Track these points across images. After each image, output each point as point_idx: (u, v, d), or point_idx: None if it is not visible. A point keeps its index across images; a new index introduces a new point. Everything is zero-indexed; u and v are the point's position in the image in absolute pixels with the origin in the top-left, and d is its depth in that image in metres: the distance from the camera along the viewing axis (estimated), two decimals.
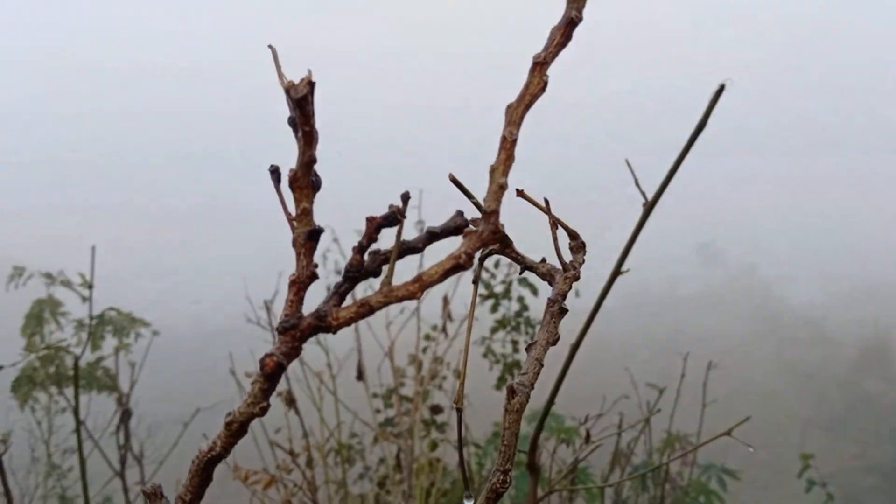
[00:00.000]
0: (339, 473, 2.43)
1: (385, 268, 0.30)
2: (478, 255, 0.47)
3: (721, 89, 1.05)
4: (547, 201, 0.44)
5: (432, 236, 0.31)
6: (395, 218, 0.30)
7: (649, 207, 1.07)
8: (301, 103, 0.27)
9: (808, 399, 11.04)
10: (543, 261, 0.45)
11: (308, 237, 0.29)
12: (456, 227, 0.31)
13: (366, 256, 0.30)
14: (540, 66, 0.30)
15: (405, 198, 0.30)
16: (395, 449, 2.69)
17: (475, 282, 0.46)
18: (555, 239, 0.44)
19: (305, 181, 0.28)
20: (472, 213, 0.42)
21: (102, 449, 2.50)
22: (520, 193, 0.46)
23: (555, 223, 0.44)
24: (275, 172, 0.30)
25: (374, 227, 0.30)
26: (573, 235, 0.44)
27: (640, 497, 3.04)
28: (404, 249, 0.30)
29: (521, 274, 0.45)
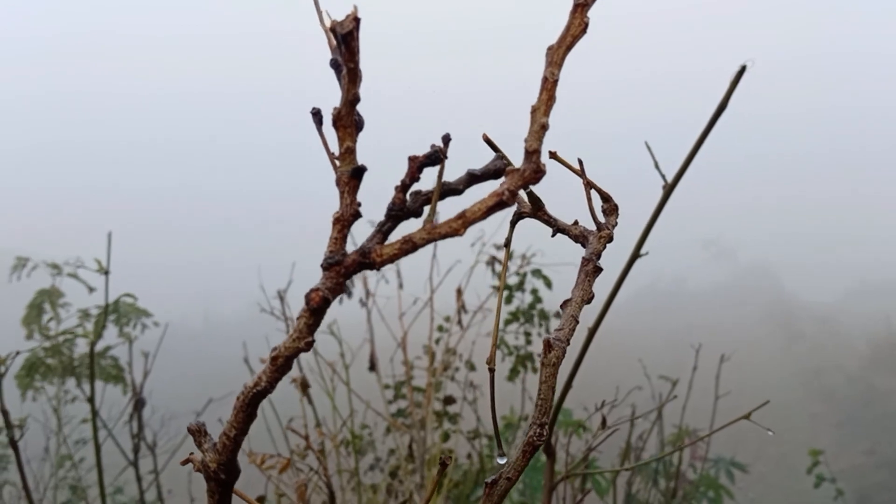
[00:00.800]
0: (351, 463, 2.43)
1: (427, 208, 0.30)
2: (510, 217, 0.47)
3: (742, 70, 1.05)
4: (581, 162, 0.44)
5: (472, 178, 0.31)
6: (437, 157, 0.30)
7: (669, 189, 1.07)
8: (346, 39, 0.27)
9: (819, 395, 11.00)
10: (576, 223, 0.44)
11: (352, 175, 0.29)
12: (496, 169, 0.31)
13: (408, 196, 0.30)
14: (581, 7, 0.30)
15: (446, 139, 0.30)
16: (407, 440, 2.70)
17: (507, 244, 0.46)
18: (589, 199, 0.44)
19: (349, 120, 0.28)
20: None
21: (115, 438, 2.51)
22: (552, 155, 0.46)
23: (588, 184, 0.44)
24: (317, 115, 0.30)
25: (416, 166, 0.30)
26: (606, 198, 0.44)
27: (650, 492, 3.03)
28: (445, 191, 0.30)
29: (552, 236, 0.45)
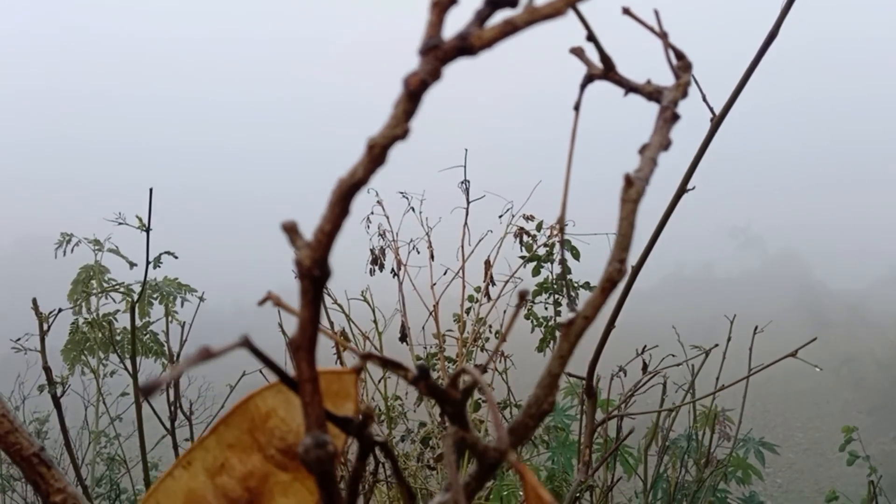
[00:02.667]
0: (384, 430, 2.45)
1: None
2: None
3: None
4: (657, 13, 0.43)
5: None
6: None
7: (717, 122, 1.05)
8: None
9: (849, 382, 10.86)
10: (648, 82, 0.44)
11: None
12: None
13: None
14: None
15: None
16: (437, 410, 2.70)
17: (577, 107, 0.45)
18: (666, 52, 0.43)
19: None
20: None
21: (153, 407, 2.54)
22: (625, 11, 0.45)
23: (664, 37, 0.43)
24: None
25: None
26: (680, 55, 0.43)
27: (680, 471, 3.00)
28: None
29: (625, 95, 0.44)
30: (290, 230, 0.29)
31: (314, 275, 0.29)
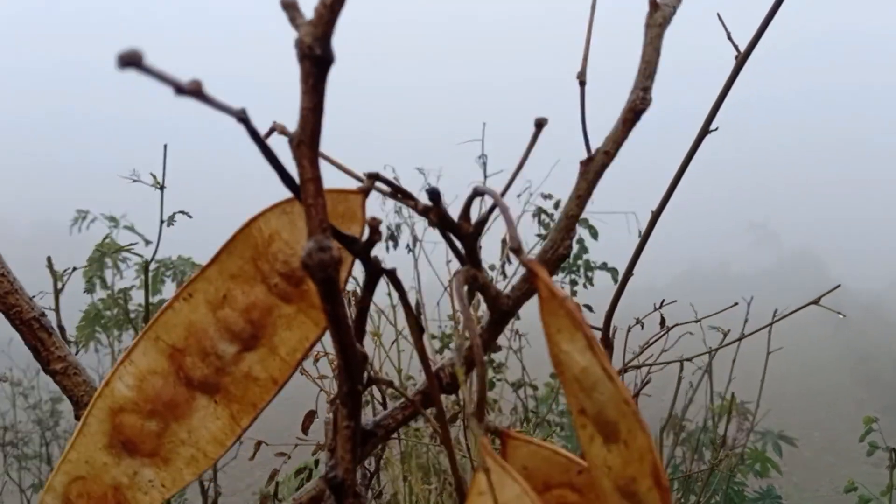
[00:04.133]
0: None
1: None
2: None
3: None
4: None
5: None
6: None
7: (742, 60, 1.03)
8: None
9: (864, 381, 10.73)
10: None
11: None
12: None
13: None
14: None
15: None
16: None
17: None
18: None
19: None
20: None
21: None
22: None
23: None
24: None
25: None
26: None
27: (693, 463, 2.96)
28: None
29: None
30: (290, 7, 0.27)
31: (316, 54, 0.27)
